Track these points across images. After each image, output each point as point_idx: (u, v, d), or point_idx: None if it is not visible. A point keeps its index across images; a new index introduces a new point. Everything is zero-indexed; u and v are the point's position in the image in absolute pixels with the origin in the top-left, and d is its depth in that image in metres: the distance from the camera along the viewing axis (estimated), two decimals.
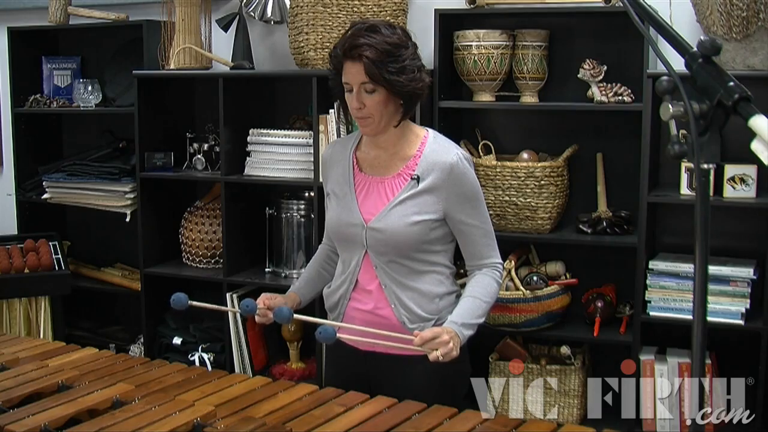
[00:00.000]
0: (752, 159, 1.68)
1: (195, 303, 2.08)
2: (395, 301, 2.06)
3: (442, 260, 2.11)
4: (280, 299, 2.17)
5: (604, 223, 2.89)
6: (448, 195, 2.03)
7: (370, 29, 1.97)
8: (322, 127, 3.03)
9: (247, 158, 3.28)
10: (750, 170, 2.68)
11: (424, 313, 2.06)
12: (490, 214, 2.92)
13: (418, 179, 2.04)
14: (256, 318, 2.12)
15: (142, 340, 3.60)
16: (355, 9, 3.02)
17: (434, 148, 2.06)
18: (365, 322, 2.09)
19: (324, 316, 2.27)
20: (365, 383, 2.02)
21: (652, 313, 2.78)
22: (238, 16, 3.41)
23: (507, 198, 2.91)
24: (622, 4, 1.22)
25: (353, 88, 1.99)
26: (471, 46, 2.94)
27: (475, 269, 2.11)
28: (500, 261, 2.13)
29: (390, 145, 2.09)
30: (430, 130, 2.15)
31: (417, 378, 1.99)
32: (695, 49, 1.15)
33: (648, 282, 2.78)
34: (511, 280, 2.91)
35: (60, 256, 3.56)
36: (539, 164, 2.90)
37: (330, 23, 3.02)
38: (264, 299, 2.13)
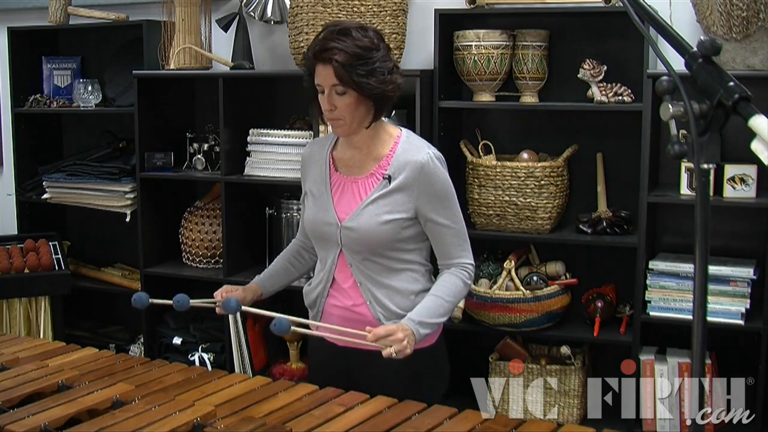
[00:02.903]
0: (752, 159, 1.68)
1: (156, 301, 2.16)
2: (370, 298, 2.10)
3: (416, 258, 2.14)
4: (240, 291, 2.22)
5: (604, 223, 2.89)
6: (419, 194, 2.06)
7: (341, 32, 2.00)
8: (322, 127, 3.03)
9: (247, 158, 3.28)
10: (750, 170, 2.69)
11: (400, 310, 2.09)
12: (490, 214, 2.95)
13: (389, 178, 2.07)
14: (217, 310, 2.18)
15: (142, 340, 3.60)
16: (355, 9, 3.02)
17: (406, 148, 2.09)
18: (343, 318, 2.13)
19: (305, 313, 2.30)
20: (346, 379, 2.06)
21: (652, 313, 2.78)
22: (238, 16, 3.41)
23: (507, 198, 2.90)
24: (622, 4, 1.22)
25: (325, 90, 2.02)
26: (471, 46, 2.94)
27: (444, 269, 2.14)
28: (471, 261, 2.14)
29: (364, 146, 2.12)
30: (404, 130, 2.17)
31: (395, 374, 2.02)
32: (695, 49, 1.15)
33: (648, 282, 2.78)
34: (511, 280, 2.91)
35: (60, 256, 3.56)
36: (539, 164, 2.90)
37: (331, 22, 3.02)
38: (222, 291, 2.21)
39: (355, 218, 2.07)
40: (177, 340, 3.41)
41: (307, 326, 2.11)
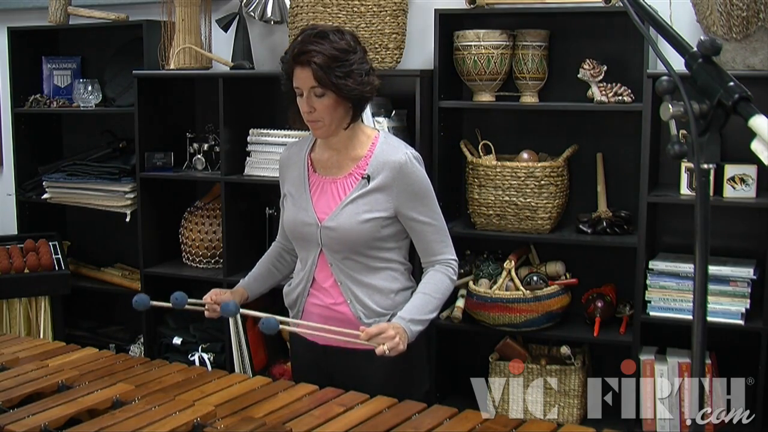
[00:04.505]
0: (752, 159, 1.68)
1: (157, 303, 2.23)
2: (351, 297, 2.12)
3: (396, 257, 2.16)
4: (228, 295, 2.26)
5: (604, 223, 2.89)
6: (398, 193, 2.08)
7: (318, 35, 2.03)
8: None
9: (247, 158, 3.28)
10: (750, 170, 2.69)
11: (380, 308, 2.12)
12: (490, 214, 2.95)
13: (368, 178, 2.09)
14: (206, 313, 2.24)
15: (142, 340, 3.60)
16: (355, 9, 3.01)
17: (384, 149, 2.12)
18: (323, 317, 2.15)
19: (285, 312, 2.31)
20: (328, 376, 2.09)
21: (652, 313, 2.78)
22: (238, 16, 3.41)
23: (507, 198, 2.90)
24: (622, 4, 1.22)
25: (303, 93, 2.05)
26: (471, 46, 2.94)
27: (429, 266, 2.16)
28: (454, 257, 2.17)
29: (342, 147, 2.14)
30: (381, 131, 2.21)
31: (375, 371, 2.04)
32: (695, 49, 1.15)
33: (648, 282, 2.78)
34: (511, 280, 2.91)
35: (60, 256, 3.56)
36: (539, 164, 2.90)
37: (330, 23, 3.02)
38: (212, 295, 2.25)
39: (334, 218, 2.10)
40: (177, 340, 3.41)
41: (298, 326, 2.12)
